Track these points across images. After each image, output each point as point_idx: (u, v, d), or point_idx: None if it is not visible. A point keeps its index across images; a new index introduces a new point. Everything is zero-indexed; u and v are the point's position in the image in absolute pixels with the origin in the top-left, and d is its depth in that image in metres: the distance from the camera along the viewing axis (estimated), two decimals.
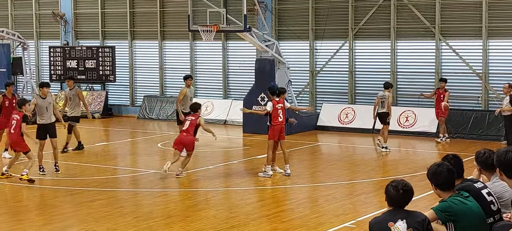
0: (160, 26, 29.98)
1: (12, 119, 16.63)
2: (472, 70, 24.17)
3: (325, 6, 26.29)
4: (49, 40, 32.71)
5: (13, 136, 16.54)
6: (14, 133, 16.45)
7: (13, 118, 16.61)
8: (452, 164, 7.52)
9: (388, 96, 20.69)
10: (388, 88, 20.90)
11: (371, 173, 17.64)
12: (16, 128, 16.34)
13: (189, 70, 29.16)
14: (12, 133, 16.54)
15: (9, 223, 12.75)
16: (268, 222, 12.66)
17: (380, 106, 20.83)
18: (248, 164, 19.19)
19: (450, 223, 7.04)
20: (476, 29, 24.03)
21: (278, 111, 16.68)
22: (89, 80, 30.77)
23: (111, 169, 18.35)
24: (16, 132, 16.37)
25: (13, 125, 16.35)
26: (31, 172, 16.36)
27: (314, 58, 26.84)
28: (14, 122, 16.47)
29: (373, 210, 13.16)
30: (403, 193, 6.78)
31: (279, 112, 16.70)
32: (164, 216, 13.16)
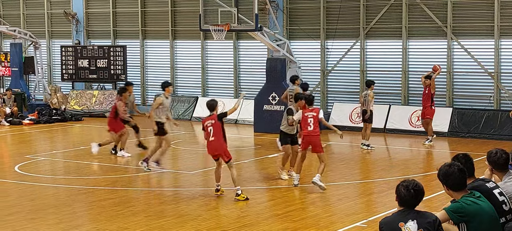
0: (172, 26, 30.03)
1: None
2: (484, 69, 24.09)
3: (337, 5, 26.27)
4: (60, 40, 32.83)
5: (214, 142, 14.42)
6: (215, 139, 14.35)
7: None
8: (462, 163, 7.50)
9: (369, 94, 20.90)
10: (370, 86, 21.07)
11: (382, 172, 17.61)
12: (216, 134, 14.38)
13: (200, 69, 29.21)
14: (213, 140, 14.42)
15: (21, 221, 12.81)
16: (279, 222, 12.65)
17: (364, 104, 21.12)
18: (259, 163, 19.19)
19: (463, 224, 7.02)
20: (488, 28, 23.95)
21: (307, 121, 15.30)
22: (101, 79, 30.85)
23: (123, 168, 18.40)
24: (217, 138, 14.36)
25: (211, 132, 14.27)
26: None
27: (325, 57, 26.82)
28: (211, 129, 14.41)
29: (384, 210, 13.14)
30: (414, 193, 6.76)
31: (309, 121, 15.27)
32: (175, 215, 13.18)
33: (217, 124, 14.13)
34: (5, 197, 14.91)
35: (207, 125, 14.21)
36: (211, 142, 14.18)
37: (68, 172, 18.36)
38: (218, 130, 14.12)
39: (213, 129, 14.09)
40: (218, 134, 14.13)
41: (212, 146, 14.23)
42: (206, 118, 14.41)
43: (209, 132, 14.13)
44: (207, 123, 14.23)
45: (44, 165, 18.98)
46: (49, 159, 19.80)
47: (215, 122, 14.12)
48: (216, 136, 14.12)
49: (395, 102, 25.53)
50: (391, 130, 24.49)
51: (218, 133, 14.13)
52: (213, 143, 14.17)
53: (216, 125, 14.11)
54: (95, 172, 17.80)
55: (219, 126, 14.13)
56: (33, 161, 19.18)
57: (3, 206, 14.02)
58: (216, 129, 14.11)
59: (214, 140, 14.13)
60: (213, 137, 14.11)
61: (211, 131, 14.10)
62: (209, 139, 14.17)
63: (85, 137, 25.28)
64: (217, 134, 14.12)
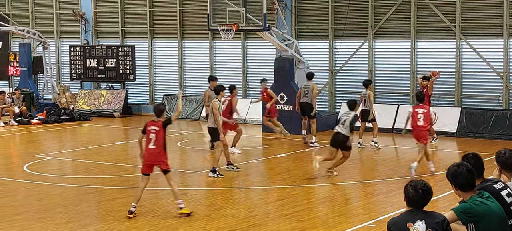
0: (180, 25, 30.05)
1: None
2: (493, 69, 24.02)
3: (345, 5, 26.23)
4: (69, 40, 32.90)
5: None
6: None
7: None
8: (472, 163, 7.47)
9: (369, 94, 20.93)
10: (368, 86, 21.13)
11: (390, 172, 17.58)
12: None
13: (208, 69, 29.22)
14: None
15: (30, 221, 12.84)
16: (287, 222, 12.64)
17: (363, 104, 21.14)
18: (267, 163, 19.18)
19: (471, 224, 6.98)
20: (497, 28, 23.88)
21: (417, 116, 16.83)
22: (109, 79, 30.90)
23: (131, 168, 18.42)
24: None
25: (152, 139, 13.67)
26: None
27: (333, 57, 26.79)
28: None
29: (392, 210, 13.12)
30: (422, 193, 6.73)
31: (419, 117, 16.84)
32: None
33: (161, 132, 13.13)
34: (13, 196, 14.96)
35: (150, 130, 13.20)
36: (150, 149, 13.17)
37: (76, 171, 18.40)
38: (160, 138, 13.13)
39: (155, 136, 13.13)
40: (159, 142, 13.13)
41: (150, 153, 13.19)
42: (150, 122, 13.33)
43: (151, 138, 13.15)
44: (151, 128, 13.21)
45: (53, 164, 19.03)
46: (58, 159, 19.85)
47: (159, 129, 13.13)
48: (157, 144, 13.12)
49: (403, 102, 25.47)
50: (399, 129, 24.42)
51: (160, 141, 13.13)
52: (153, 151, 13.16)
53: (160, 133, 13.13)
54: (103, 171, 17.83)
55: (162, 134, 13.15)
56: (41, 161, 19.22)
57: (12, 205, 14.06)
58: (159, 137, 13.13)
59: (154, 148, 13.13)
60: (154, 144, 13.13)
61: (153, 137, 13.13)
62: (148, 145, 13.17)
63: (94, 137, 25.34)
64: (158, 142, 13.12)
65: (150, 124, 13.23)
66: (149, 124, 13.25)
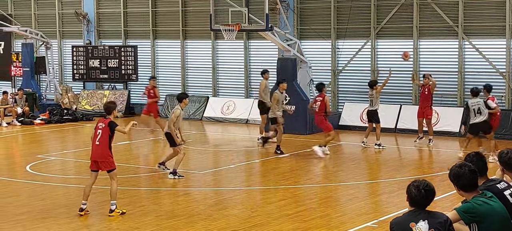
0: (182, 26, 30.06)
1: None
2: (495, 69, 24.00)
3: (347, 5, 26.23)
4: (72, 40, 32.93)
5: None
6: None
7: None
8: (474, 162, 7.47)
9: (374, 95, 21.02)
10: (373, 87, 21.24)
11: (393, 172, 17.58)
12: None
13: (211, 69, 29.22)
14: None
15: (33, 221, 12.85)
16: (289, 222, 12.64)
17: (369, 104, 21.19)
18: (270, 163, 19.18)
19: (474, 224, 6.98)
20: (499, 28, 23.86)
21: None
22: (112, 79, 30.92)
23: (133, 168, 18.43)
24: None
25: (98, 136, 13.55)
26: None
27: (336, 57, 26.78)
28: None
29: (395, 210, 13.12)
30: (425, 193, 6.73)
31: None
32: (186, 215, 13.19)
33: (106, 130, 13.08)
34: (16, 197, 14.98)
35: (98, 126, 13.23)
36: (96, 146, 13.17)
37: (79, 171, 18.40)
38: (105, 136, 13.07)
39: (101, 133, 13.11)
40: (105, 140, 13.08)
41: (96, 150, 13.19)
42: (101, 119, 13.41)
43: (97, 135, 13.15)
44: (99, 124, 13.24)
45: (55, 164, 19.04)
46: (60, 159, 19.86)
47: (105, 127, 13.09)
48: (102, 142, 13.09)
49: (406, 102, 25.46)
50: (402, 129, 24.44)
51: (105, 139, 13.07)
52: (97, 148, 13.15)
53: (105, 131, 13.08)
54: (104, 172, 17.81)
55: (107, 133, 13.08)
56: (44, 161, 19.24)
57: (15, 206, 14.07)
58: (104, 135, 13.08)
59: (98, 145, 13.12)
60: (98, 141, 13.12)
61: (99, 134, 13.12)
62: (95, 141, 13.17)
63: None
64: (103, 140, 13.08)
65: (100, 121, 13.32)
66: (100, 121, 13.36)
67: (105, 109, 13.55)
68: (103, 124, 13.21)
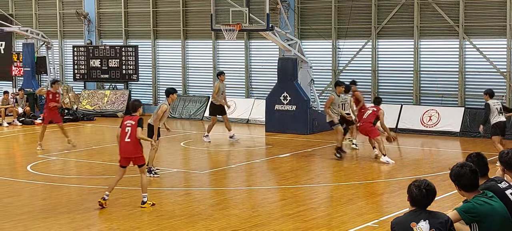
0: (183, 25, 30.06)
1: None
2: (496, 69, 24.00)
3: (348, 4, 26.23)
4: (72, 40, 32.94)
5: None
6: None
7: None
8: (475, 162, 7.47)
9: (348, 99, 20.74)
10: (349, 92, 20.75)
11: (393, 172, 17.57)
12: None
13: (212, 69, 29.22)
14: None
15: (33, 221, 12.85)
16: (290, 221, 12.64)
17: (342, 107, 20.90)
18: (270, 163, 19.18)
19: (475, 224, 6.99)
20: (500, 28, 23.86)
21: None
22: (112, 79, 30.93)
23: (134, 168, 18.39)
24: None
25: (128, 133, 13.88)
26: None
27: (336, 57, 26.78)
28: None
29: (396, 210, 13.11)
30: (426, 193, 6.73)
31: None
32: (186, 215, 13.19)
33: (135, 127, 13.47)
34: (17, 197, 14.98)
35: (126, 124, 13.58)
36: (126, 143, 13.53)
37: (79, 171, 18.42)
38: (135, 133, 13.47)
39: (131, 130, 13.47)
40: (135, 136, 13.48)
41: (127, 147, 13.56)
42: (127, 117, 13.89)
43: (126, 132, 13.51)
44: (127, 122, 13.62)
45: (56, 164, 19.05)
46: (61, 159, 19.87)
47: (134, 124, 13.49)
48: (132, 138, 13.49)
49: (406, 102, 25.46)
50: (402, 129, 24.44)
51: (134, 135, 13.48)
52: (129, 144, 13.52)
53: (135, 128, 13.47)
54: (106, 171, 17.83)
55: (135, 129, 13.48)
56: (45, 161, 19.24)
57: (16, 205, 14.08)
58: (134, 132, 13.47)
59: (129, 142, 13.50)
60: (129, 138, 13.49)
61: (129, 131, 13.49)
62: (124, 139, 13.51)
63: (97, 137, 25.37)
64: (133, 136, 13.48)
65: (127, 119, 13.78)
66: (126, 119, 13.80)
67: (132, 108, 14.06)
68: (132, 121, 13.63)
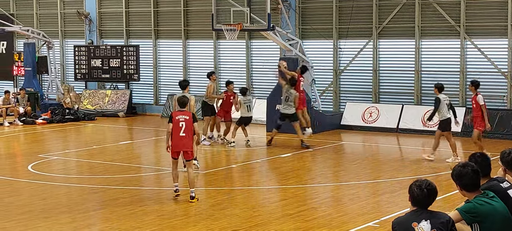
0: (184, 25, 30.06)
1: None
2: (497, 69, 23.99)
3: (349, 4, 26.21)
4: (73, 39, 32.93)
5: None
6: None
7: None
8: (479, 162, 7.46)
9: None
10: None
11: (394, 172, 17.56)
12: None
13: (213, 69, 29.21)
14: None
15: (34, 220, 12.85)
16: (291, 221, 12.63)
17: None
18: (272, 162, 19.17)
19: (476, 224, 6.97)
20: (501, 28, 23.85)
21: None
22: (114, 79, 30.92)
23: (135, 168, 18.43)
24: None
25: (182, 128, 14.69)
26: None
27: (338, 57, 26.77)
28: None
29: (397, 209, 13.10)
30: (427, 193, 6.72)
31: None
32: (187, 214, 13.19)
33: (190, 121, 14.20)
34: (18, 196, 14.98)
35: (179, 119, 14.20)
36: (181, 137, 14.15)
37: (80, 171, 18.42)
38: (190, 127, 14.19)
39: (185, 125, 14.15)
40: (190, 131, 14.21)
41: (181, 141, 14.17)
42: (177, 112, 14.42)
43: (181, 127, 14.14)
44: (179, 117, 14.22)
45: (57, 164, 19.05)
46: (62, 158, 19.87)
47: (189, 119, 14.22)
48: (187, 133, 14.18)
49: (408, 102, 25.44)
50: (403, 129, 24.42)
51: (190, 130, 14.20)
52: (183, 139, 14.17)
53: (189, 122, 14.19)
54: (107, 171, 17.84)
55: (191, 124, 14.22)
56: (46, 160, 19.24)
57: (16, 205, 14.07)
58: (188, 126, 14.17)
59: (185, 137, 14.16)
60: (184, 133, 14.16)
61: (183, 126, 14.14)
62: (179, 133, 14.14)
63: (98, 137, 25.37)
64: (188, 131, 14.18)
65: (178, 114, 14.33)
66: (177, 114, 14.33)
67: (181, 104, 14.53)
68: (186, 116, 14.25)
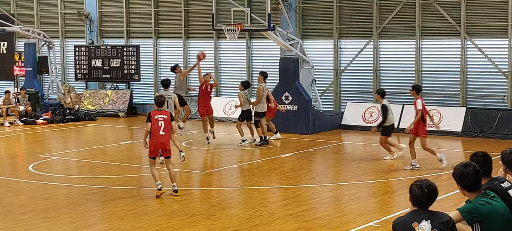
0: (185, 25, 30.06)
1: None
2: (498, 69, 23.98)
3: (350, 4, 26.21)
4: (74, 40, 32.93)
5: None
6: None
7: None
8: (481, 161, 7.45)
9: (241, 94, 21.62)
10: (248, 88, 21.80)
11: (395, 172, 17.56)
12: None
13: (214, 69, 29.21)
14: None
15: (35, 220, 12.85)
16: (292, 221, 12.63)
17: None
18: (272, 162, 19.17)
19: (477, 224, 6.96)
20: (502, 28, 23.84)
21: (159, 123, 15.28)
22: (114, 79, 30.92)
23: (136, 168, 18.43)
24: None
25: (161, 126, 15.09)
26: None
27: (338, 57, 26.77)
28: None
29: (398, 209, 13.10)
30: (428, 193, 6.71)
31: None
32: (188, 214, 13.19)
33: (168, 120, 14.66)
34: (18, 196, 14.98)
35: (158, 118, 14.59)
36: (161, 136, 14.54)
37: (81, 171, 18.42)
38: (168, 126, 14.66)
39: (164, 124, 14.57)
40: (168, 129, 14.67)
41: (162, 140, 14.54)
42: (156, 111, 14.73)
43: (160, 126, 14.53)
44: (158, 116, 14.61)
45: (57, 164, 19.05)
46: (63, 159, 19.87)
47: (167, 118, 14.65)
48: (167, 131, 14.63)
49: (408, 102, 25.40)
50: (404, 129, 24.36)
51: (168, 128, 14.67)
52: (163, 137, 14.57)
53: (168, 121, 14.64)
54: (108, 171, 17.84)
55: (170, 122, 14.71)
56: (46, 161, 19.24)
57: (17, 205, 14.08)
58: (167, 125, 14.63)
59: (164, 135, 14.58)
60: (163, 131, 14.57)
61: (162, 125, 14.55)
62: (159, 132, 14.52)
63: (99, 137, 25.37)
64: (167, 130, 14.64)
65: (157, 113, 14.64)
66: (155, 113, 14.64)
67: (158, 103, 14.91)
68: (164, 115, 14.67)
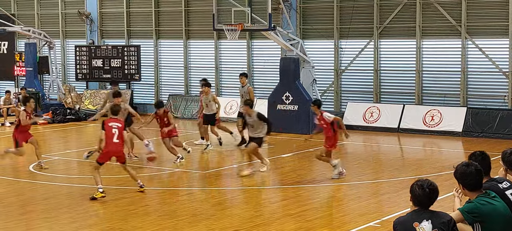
0: (185, 25, 30.07)
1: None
2: (498, 69, 23.98)
3: (350, 4, 26.21)
4: (75, 40, 32.94)
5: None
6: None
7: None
8: (480, 161, 7.44)
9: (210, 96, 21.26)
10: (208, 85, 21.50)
11: (396, 172, 17.56)
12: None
13: (214, 69, 29.22)
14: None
15: (35, 220, 12.86)
16: (292, 221, 12.63)
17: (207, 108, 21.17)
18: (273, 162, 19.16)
19: (477, 224, 6.96)
20: (502, 28, 23.83)
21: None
22: (115, 79, 30.90)
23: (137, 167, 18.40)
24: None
25: (115, 134, 14.94)
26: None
27: (339, 57, 26.77)
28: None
29: (398, 209, 13.10)
30: (429, 192, 6.70)
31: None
32: (188, 214, 13.19)
33: (122, 128, 14.74)
34: (19, 196, 14.99)
35: (112, 126, 14.71)
36: (115, 143, 14.66)
37: (81, 171, 18.41)
38: (122, 134, 14.72)
39: (118, 131, 14.65)
40: (122, 137, 14.74)
41: (116, 147, 14.69)
42: (110, 119, 14.92)
43: (114, 133, 14.61)
44: (112, 124, 14.74)
45: (58, 164, 19.05)
46: (63, 159, 19.87)
47: (121, 126, 14.76)
48: (120, 139, 14.72)
49: (409, 102, 25.44)
50: (405, 129, 24.41)
51: (122, 136, 14.74)
52: (118, 145, 14.70)
53: (121, 129, 14.72)
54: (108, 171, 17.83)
55: (123, 130, 14.77)
56: (47, 161, 19.24)
57: (18, 205, 14.09)
58: (121, 133, 14.69)
59: (118, 143, 14.69)
60: (117, 139, 14.67)
61: (116, 132, 14.62)
62: (113, 140, 14.61)
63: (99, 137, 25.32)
64: (121, 137, 14.71)
65: (110, 121, 14.81)
66: (109, 121, 14.81)
67: (114, 112, 15.23)
68: (118, 124, 14.75)
